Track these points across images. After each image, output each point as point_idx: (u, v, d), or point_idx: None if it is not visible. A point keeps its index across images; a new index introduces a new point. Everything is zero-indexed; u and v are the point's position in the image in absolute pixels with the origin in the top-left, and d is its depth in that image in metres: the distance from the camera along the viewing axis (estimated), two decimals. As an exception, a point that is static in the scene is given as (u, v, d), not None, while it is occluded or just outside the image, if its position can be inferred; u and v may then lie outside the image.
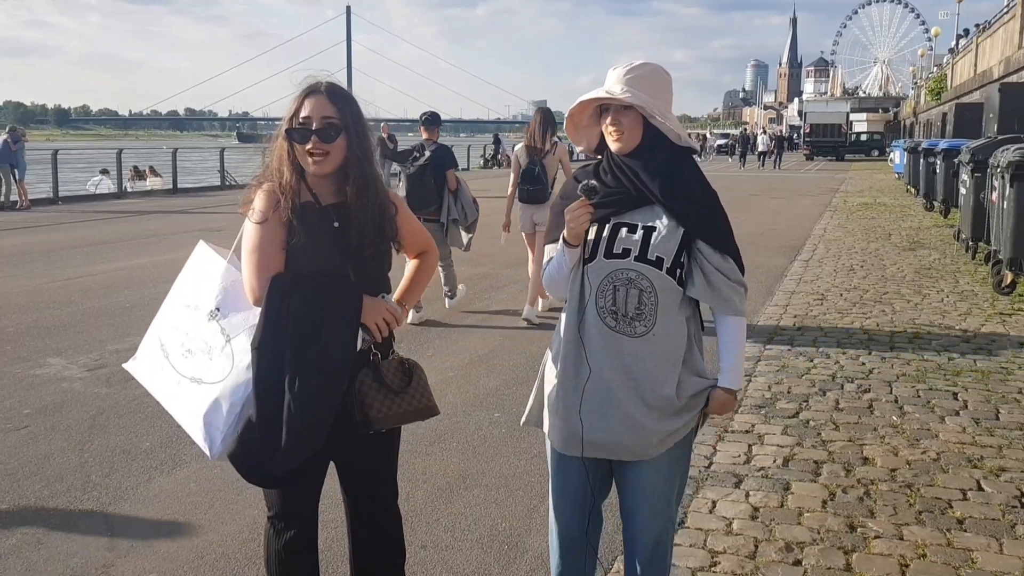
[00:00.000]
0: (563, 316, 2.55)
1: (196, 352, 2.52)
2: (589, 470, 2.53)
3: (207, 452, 2.45)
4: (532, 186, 7.93)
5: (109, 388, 5.93)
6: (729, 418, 5.21)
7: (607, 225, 2.45)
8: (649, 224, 2.42)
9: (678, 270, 2.43)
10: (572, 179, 2.58)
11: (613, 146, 2.47)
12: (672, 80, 2.53)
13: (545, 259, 2.61)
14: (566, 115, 2.56)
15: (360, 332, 2.48)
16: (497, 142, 45.19)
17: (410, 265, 2.85)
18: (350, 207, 2.51)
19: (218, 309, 2.52)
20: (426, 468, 4.56)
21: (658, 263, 2.40)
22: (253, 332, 2.41)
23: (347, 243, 2.49)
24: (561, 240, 2.46)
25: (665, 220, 2.42)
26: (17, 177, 19.71)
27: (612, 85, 2.44)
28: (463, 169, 40.12)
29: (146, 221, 17.11)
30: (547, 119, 8.18)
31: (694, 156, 2.59)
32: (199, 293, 2.59)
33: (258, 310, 2.42)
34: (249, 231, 2.47)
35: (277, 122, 2.59)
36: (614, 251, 2.43)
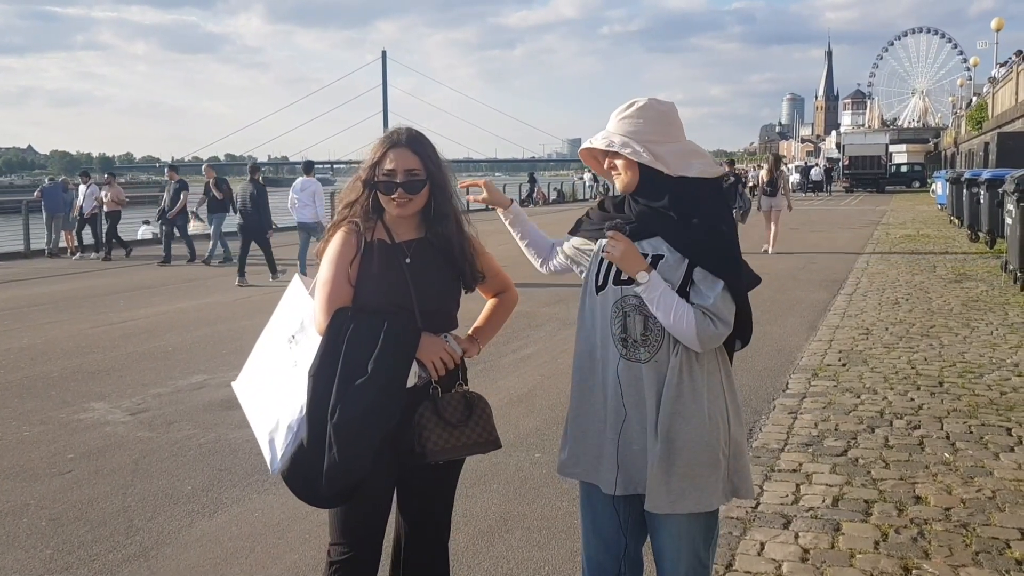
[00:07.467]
0: (576, 345, 2.57)
1: (275, 375, 2.69)
2: (619, 508, 2.52)
3: (269, 467, 2.59)
4: (771, 187, 17.67)
5: (151, 432, 5.97)
6: (776, 456, 5.10)
7: None
8: (657, 253, 2.44)
9: (686, 298, 2.41)
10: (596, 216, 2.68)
11: (617, 186, 2.55)
12: (668, 111, 2.52)
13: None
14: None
15: (417, 368, 2.55)
16: (532, 181, 45.28)
17: (489, 303, 2.93)
18: (425, 242, 2.64)
19: (293, 337, 2.69)
20: (467, 510, 4.50)
21: None
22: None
23: (416, 278, 2.59)
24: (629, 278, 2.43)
25: (672, 251, 2.43)
26: (63, 226, 20.15)
27: (608, 127, 2.51)
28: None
29: (188, 266, 17.35)
30: (777, 160, 18.76)
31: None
32: (285, 322, 2.77)
33: None
34: (322, 266, 2.61)
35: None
36: (622, 277, 2.46)
